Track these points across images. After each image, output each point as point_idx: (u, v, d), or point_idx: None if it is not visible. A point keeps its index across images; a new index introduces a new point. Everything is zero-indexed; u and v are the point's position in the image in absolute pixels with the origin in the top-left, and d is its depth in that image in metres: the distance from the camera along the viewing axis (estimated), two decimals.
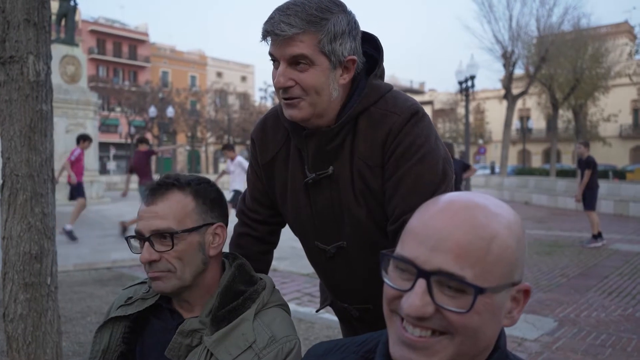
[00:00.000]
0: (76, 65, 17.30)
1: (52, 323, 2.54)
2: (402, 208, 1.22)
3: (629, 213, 14.02)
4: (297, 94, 1.22)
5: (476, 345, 0.73)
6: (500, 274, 0.71)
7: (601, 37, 27.61)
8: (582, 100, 26.94)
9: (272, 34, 1.17)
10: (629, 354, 3.81)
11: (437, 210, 0.75)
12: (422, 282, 0.70)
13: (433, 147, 1.26)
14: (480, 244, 0.70)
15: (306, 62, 1.19)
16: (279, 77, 1.20)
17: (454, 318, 0.69)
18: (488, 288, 0.69)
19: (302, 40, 1.17)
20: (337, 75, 1.25)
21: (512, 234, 0.73)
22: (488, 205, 0.74)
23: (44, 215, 2.47)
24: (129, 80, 50.00)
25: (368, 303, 1.45)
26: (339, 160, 1.31)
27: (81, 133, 9.93)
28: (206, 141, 49.30)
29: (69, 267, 6.59)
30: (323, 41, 1.19)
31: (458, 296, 0.70)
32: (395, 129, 1.24)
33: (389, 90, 1.32)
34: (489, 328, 0.72)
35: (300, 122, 1.28)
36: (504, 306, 0.73)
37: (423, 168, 1.23)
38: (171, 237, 1.16)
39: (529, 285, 0.76)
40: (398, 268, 0.75)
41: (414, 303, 0.69)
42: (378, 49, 1.37)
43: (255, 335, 1.13)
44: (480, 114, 49.86)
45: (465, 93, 18.34)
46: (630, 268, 7.03)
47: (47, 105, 2.52)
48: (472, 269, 0.69)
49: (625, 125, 43.25)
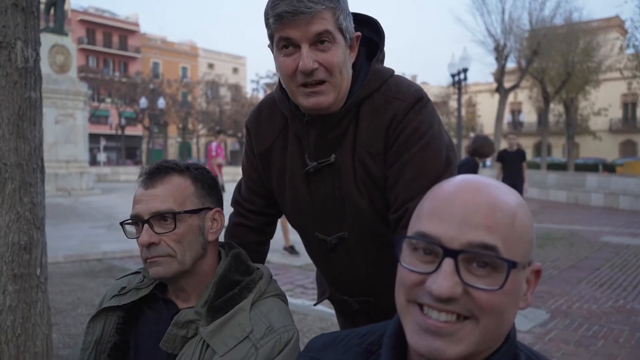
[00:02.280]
0: (65, 54, 17.10)
1: (42, 315, 2.50)
2: (404, 196, 1.19)
3: (619, 206, 14.14)
4: (322, 77, 1.17)
5: (499, 330, 0.70)
6: (523, 250, 0.70)
7: (592, 31, 27.75)
8: (573, 94, 27.10)
9: (294, 13, 1.11)
10: (620, 345, 3.83)
11: (457, 189, 0.72)
12: (449, 261, 0.67)
13: (437, 133, 1.23)
14: (506, 219, 0.69)
15: (329, 40, 1.16)
16: (305, 60, 1.14)
17: (483, 299, 0.67)
18: (519, 263, 0.68)
19: (324, 17, 1.14)
20: (349, 54, 1.23)
21: (526, 213, 0.73)
22: (501, 187, 0.73)
23: (33, 205, 2.43)
24: (119, 71, 49.58)
25: (369, 295, 1.42)
26: (342, 148, 1.27)
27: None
28: (197, 133, 49.05)
29: (59, 259, 6.53)
30: (340, 17, 1.17)
31: (487, 274, 0.67)
32: (400, 115, 1.21)
33: (392, 75, 1.29)
34: (511, 311, 0.70)
35: (323, 111, 1.22)
36: (522, 287, 0.72)
37: (427, 155, 1.20)
38: (173, 218, 1.14)
39: (540, 264, 0.75)
40: (416, 251, 0.72)
41: (443, 284, 0.66)
42: (379, 32, 1.33)
43: (252, 325, 1.11)
44: (472, 107, 49.98)
45: (458, 86, 18.34)
46: (620, 260, 7.08)
47: (36, 92, 2.47)
48: (502, 242, 0.67)
49: (615, 119, 43.58)
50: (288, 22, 1.13)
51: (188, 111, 45.44)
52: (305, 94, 1.19)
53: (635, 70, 21.85)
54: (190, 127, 47.39)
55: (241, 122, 45.04)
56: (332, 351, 0.88)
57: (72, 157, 17.10)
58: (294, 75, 1.18)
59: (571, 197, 15.98)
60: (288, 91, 1.25)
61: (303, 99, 1.20)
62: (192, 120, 46.41)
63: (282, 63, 1.19)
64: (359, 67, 1.29)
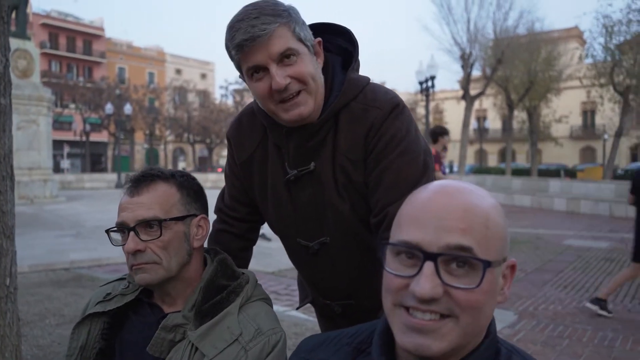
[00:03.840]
0: (28, 59, 16.64)
1: (12, 326, 2.44)
2: (384, 201, 1.23)
3: (580, 210, 14.63)
4: (296, 89, 1.20)
5: (479, 325, 0.75)
6: (497, 248, 0.75)
7: (554, 41, 28.68)
8: (535, 102, 27.90)
9: (252, 39, 1.14)
10: (584, 344, 3.98)
11: (432, 194, 0.77)
12: (429, 264, 0.72)
13: (413, 139, 1.27)
14: (480, 220, 0.74)
15: (293, 54, 1.19)
16: (277, 79, 1.17)
17: (462, 297, 0.71)
18: (493, 262, 0.73)
19: (281, 35, 1.17)
20: (315, 60, 1.26)
21: (499, 213, 0.78)
22: (474, 190, 0.78)
23: (3, 214, 2.37)
24: (83, 76, 48.42)
25: (350, 299, 1.46)
26: (321, 156, 1.30)
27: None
28: (165, 139, 48.33)
29: (24, 269, 6.33)
30: (296, 29, 1.20)
31: (465, 274, 0.72)
32: (377, 123, 1.25)
33: (368, 83, 1.32)
34: (489, 306, 0.75)
35: (304, 121, 1.25)
36: (499, 283, 0.77)
37: (404, 161, 1.24)
38: (159, 225, 1.15)
39: (515, 260, 0.81)
40: (399, 256, 0.76)
41: (425, 286, 0.71)
42: (352, 42, 1.37)
43: (241, 328, 1.13)
44: (439, 114, 50.88)
45: (426, 93, 18.64)
46: (582, 263, 7.34)
47: (6, 99, 2.42)
48: (477, 244, 0.72)
49: (575, 127, 45.06)
50: (249, 50, 1.17)
51: (155, 117, 44.72)
52: (284, 109, 1.22)
53: (593, 79, 22.68)
54: (157, 134, 46.63)
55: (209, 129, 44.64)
56: (323, 351, 0.91)
57: (36, 164, 16.61)
58: (270, 96, 1.21)
59: (535, 202, 16.44)
60: (267, 112, 1.27)
61: (284, 114, 1.23)
62: (159, 126, 45.68)
63: (256, 88, 1.22)
64: (334, 76, 1.32)
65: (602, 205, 14.17)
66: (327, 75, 1.31)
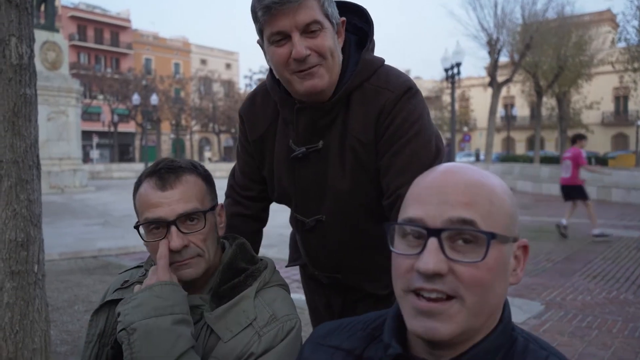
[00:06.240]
0: (57, 51, 16.98)
1: (40, 311, 2.50)
2: (396, 183, 1.22)
3: (612, 199, 14.24)
4: (314, 62, 1.19)
5: (488, 305, 0.73)
6: (503, 223, 0.74)
7: (584, 25, 27.88)
8: (565, 88, 27.26)
9: (281, 3, 1.14)
10: (614, 335, 3.88)
11: (437, 174, 0.78)
12: (433, 240, 0.71)
13: (426, 123, 1.27)
14: (483, 194, 0.74)
15: (318, 27, 1.18)
16: (298, 47, 1.16)
17: (466, 274, 0.70)
18: (498, 235, 0.72)
19: (310, 6, 1.17)
20: (337, 39, 1.25)
21: (504, 190, 0.77)
22: (480, 170, 0.79)
23: (30, 202, 2.42)
24: (111, 68, 49.25)
25: (338, 273, 1.49)
26: (330, 135, 1.31)
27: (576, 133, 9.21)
28: (191, 129, 48.86)
29: (54, 256, 6.51)
30: (325, 4, 1.20)
31: (470, 250, 0.71)
32: (389, 105, 1.24)
33: (382, 65, 1.31)
34: (498, 285, 0.73)
35: (317, 95, 1.25)
36: (510, 262, 0.76)
37: (417, 144, 1.24)
38: (202, 217, 1.15)
39: (527, 240, 0.79)
40: (406, 237, 0.76)
41: (428, 260, 0.70)
42: (368, 21, 1.36)
43: (256, 312, 1.13)
44: (465, 102, 50.13)
45: (451, 80, 18.36)
46: (613, 252, 7.15)
47: (31, 89, 2.46)
48: (480, 217, 0.71)
49: (607, 113, 43.84)
50: (276, 13, 1.16)
51: (181, 107, 45.23)
52: (300, 78, 1.22)
53: (626, 64, 21.99)
54: (183, 124, 47.19)
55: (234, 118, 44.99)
56: (337, 337, 0.91)
57: (65, 155, 17.02)
58: (287, 64, 1.20)
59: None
60: (282, 81, 1.27)
61: (298, 84, 1.23)
62: (185, 116, 46.21)
63: (274, 53, 1.21)
64: (349, 56, 1.31)
65: (634, 193, 13.76)
66: (344, 55, 1.30)
